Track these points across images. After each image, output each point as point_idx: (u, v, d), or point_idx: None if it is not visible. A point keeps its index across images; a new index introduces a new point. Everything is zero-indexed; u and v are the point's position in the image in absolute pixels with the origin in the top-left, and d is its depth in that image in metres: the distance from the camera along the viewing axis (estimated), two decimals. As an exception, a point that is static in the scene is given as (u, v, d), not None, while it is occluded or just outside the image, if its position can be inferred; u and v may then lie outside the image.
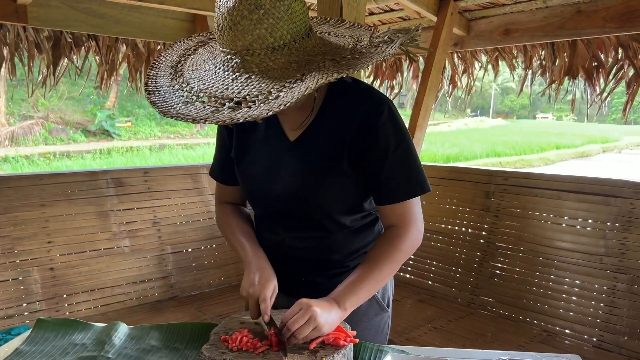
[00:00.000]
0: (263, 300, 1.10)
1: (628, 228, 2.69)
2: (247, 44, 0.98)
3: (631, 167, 15.88)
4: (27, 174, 3.12)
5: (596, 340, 2.71)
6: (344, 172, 1.17)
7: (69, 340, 1.25)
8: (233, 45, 0.99)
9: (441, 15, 3.37)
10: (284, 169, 1.21)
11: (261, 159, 1.25)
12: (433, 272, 3.50)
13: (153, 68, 1.12)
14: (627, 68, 3.20)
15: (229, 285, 3.52)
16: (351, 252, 1.28)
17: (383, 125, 1.14)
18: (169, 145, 17.96)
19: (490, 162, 15.74)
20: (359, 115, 1.14)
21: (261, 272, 1.17)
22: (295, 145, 1.21)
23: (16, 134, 16.37)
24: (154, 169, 3.48)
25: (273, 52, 0.98)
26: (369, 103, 1.16)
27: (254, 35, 0.97)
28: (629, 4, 2.78)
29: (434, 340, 2.74)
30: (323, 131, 1.18)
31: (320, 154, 1.18)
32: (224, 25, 0.99)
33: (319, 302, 1.07)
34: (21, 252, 2.84)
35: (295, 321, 1.03)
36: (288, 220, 1.26)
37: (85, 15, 3.29)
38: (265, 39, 0.97)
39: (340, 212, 1.22)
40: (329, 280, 1.26)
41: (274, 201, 1.25)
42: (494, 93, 40.90)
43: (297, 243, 1.27)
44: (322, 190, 1.19)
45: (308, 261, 1.29)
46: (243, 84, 0.97)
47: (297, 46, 1.00)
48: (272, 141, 1.24)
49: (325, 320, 1.05)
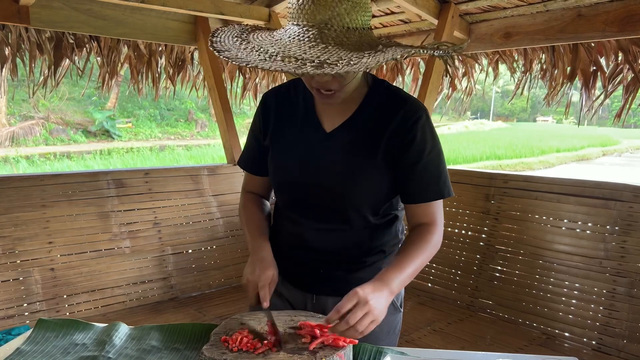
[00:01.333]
0: (262, 287, 1.17)
1: (628, 231, 2.70)
2: (326, 19, 1.04)
3: (631, 171, 15.88)
4: (28, 175, 3.13)
5: (595, 343, 2.71)
6: (376, 167, 1.22)
7: (70, 340, 1.25)
8: (312, 18, 1.05)
9: (442, 18, 3.38)
10: (318, 158, 1.26)
11: (296, 148, 1.29)
12: (433, 274, 3.50)
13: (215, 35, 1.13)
14: (626, 72, 3.21)
15: (229, 287, 3.52)
16: (369, 249, 1.32)
17: (422, 128, 1.21)
18: (169, 146, 17.97)
19: (491, 165, 15.75)
20: (399, 116, 1.21)
21: (262, 261, 1.22)
22: (331, 137, 1.25)
23: (17, 134, 16.38)
24: (154, 170, 3.48)
25: (348, 31, 1.05)
26: (409, 107, 1.23)
27: (334, 11, 1.04)
28: (630, 8, 2.79)
29: (433, 343, 2.74)
30: (360, 126, 1.24)
31: (354, 147, 1.23)
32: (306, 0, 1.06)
33: (373, 292, 1.08)
34: (22, 253, 2.84)
35: (354, 315, 1.03)
36: (313, 211, 1.29)
37: (87, 16, 3.30)
38: (343, 17, 1.05)
39: (367, 205, 1.26)
40: (346, 275, 1.31)
41: (303, 190, 1.29)
42: (494, 96, 40.93)
43: (318, 235, 1.30)
44: (353, 182, 1.23)
45: (326, 254, 1.32)
46: (321, 51, 1.01)
47: (365, 33, 1.09)
48: (307, 131, 1.28)
49: (380, 311, 1.07)
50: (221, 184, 3.69)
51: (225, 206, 3.66)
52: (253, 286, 1.19)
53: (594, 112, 3.46)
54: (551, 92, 3.60)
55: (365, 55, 1.00)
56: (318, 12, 1.04)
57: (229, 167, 3.81)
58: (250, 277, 1.20)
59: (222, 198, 3.66)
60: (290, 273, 1.37)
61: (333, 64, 0.95)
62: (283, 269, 1.32)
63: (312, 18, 1.05)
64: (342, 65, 0.95)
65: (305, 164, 1.27)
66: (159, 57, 4.11)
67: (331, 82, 1.13)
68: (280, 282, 1.36)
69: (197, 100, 20.38)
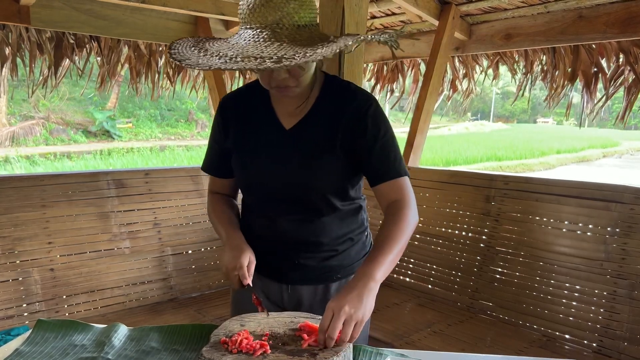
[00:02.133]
0: (239, 268, 1.24)
1: (628, 233, 2.69)
2: (277, 19, 1.12)
3: (631, 172, 15.87)
4: (27, 175, 3.12)
5: (596, 345, 2.70)
6: (336, 155, 1.32)
7: (69, 341, 1.25)
8: (264, 20, 1.12)
9: (442, 19, 3.38)
10: (281, 155, 1.35)
11: (259, 148, 1.37)
12: (433, 275, 3.50)
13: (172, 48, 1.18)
14: (627, 74, 3.21)
15: (229, 288, 3.51)
16: (338, 237, 1.42)
17: (372, 115, 1.32)
18: (169, 147, 17.97)
19: (491, 166, 15.75)
20: (351, 107, 1.32)
21: (236, 248, 1.30)
22: (291, 133, 1.35)
23: (17, 134, 16.38)
24: (154, 170, 3.47)
25: (299, 29, 1.14)
26: (359, 98, 1.34)
27: (283, 11, 1.12)
28: (630, 10, 2.79)
29: (433, 344, 2.73)
30: (317, 121, 1.34)
31: (314, 140, 1.33)
32: (255, 3, 1.13)
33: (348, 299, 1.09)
34: (21, 253, 2.84)
35: (334, 329, 1.05)
36: (282, 204, 1.37)
37: (87, 16, 3.30)
38: (292, 16, 1.13)
39: (332, 192, 1.36)
40: (320, 263, 1.42)
41: (271, 188, 1.37)
42: (495, 97, 40.94)
43: (289, 225, 1.39)
44: (317, 172, 1.33)
45: (300, 244, 1.40)
46: (277, 49, 1.08)
47: (315, 29, 1.18)
48: (268, 130, 1.37)
49: (362, 312, 1.09)
50: (221, 184, 3.68)
51: (225, 207, 3.64)
52: (232, 270, 1.26)
53: (595, 113, 3.46)
54: (552, 93, 3.60)
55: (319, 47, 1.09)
56: (269, 13, 1.11)
57: (229, 168, 3.80)
58: (228, 263, 1.27)
59: (222, 199, 3.65)
60: (265, 265, 1.41)
61: (291, 58, 1.02)
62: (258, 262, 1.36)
63: (264, 20, 1.12)
64: (300, 58, 1.03)
65: (269, 163, 1.35)
66: (159, 57, 4.11)
67: (288, 79, 1.20)
68: (256, 276, 1.40)
69: (197, 101, 20.40)
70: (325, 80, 1.37)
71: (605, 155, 22.63)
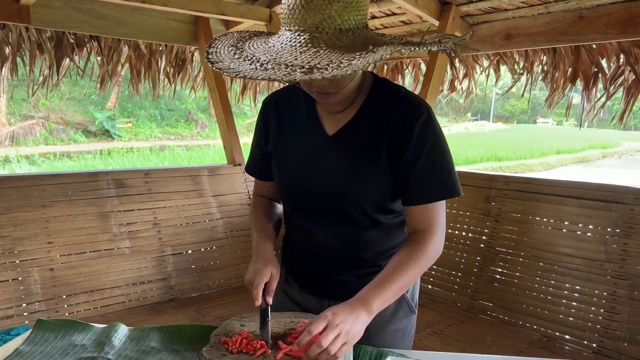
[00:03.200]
0: (255, 286, 1.15)
1: (629, 234, 2.69)
2: (317, 22, 1.02)
3: (631, 173, 15.87)
4: (27, 174, 3.12)
5: (596, 346, 2.70)
6: (380, 168, 1.20)
7: (69, 341, 1.24)
8: (303, 22, 1.03)
9: (443, 19, 3.37)
10: (321, 162, 1.24)
11: (298, 153, 1.28)
12: (433, 276, 3.50)
13: (211, 46, 1.12)
14: (627, 74, 3.21)
15: (229, 287, 3.52)
16: (383, 252, 1.29)
17: (420, 126, 1.17)
18: (169, 147, 17.96)
19: (491, 167, 15.74)
20: (399, 114, 1.18)
21: (262, 262, 1.21)
22: (333, 140, 1.23)
23: (17, 133, 16.37)
24: (154, 170, 3.47)
25: (340, 33, 1.03)
26: (409, 105, 1.20)
27: (325, 14, 1.02)
28: (631, 10, 2.78)
29: (433, 345, 2.73)
30: (361, 128, 1.22)
31: (357, 150, 1.21)
32: (295, 4, 1.04)
33: (345, 315, 1.05)
34: (21, 253, 2.84)
35: (326, 337, 1.00)
36: (321, 216, 1.28)
37: (88, 16, 3.30)
38: (334, 19, 1.03)
39: (375, 207, 1.24)
40: (360, 279, 1.26)
41: (309, 195, 1.27)
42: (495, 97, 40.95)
43: (329, 240, 1.29)
44: (358, 184, 1.21)
45: (340, 260, 1.30)
46: (312, 56, 1.00)
47: (360, 32, 1.06)
48: (310, 135, 1.26)
49: (354, 333, 1.04)
50: (221, 184, 3.68)
51: (225, 207, 3.65)
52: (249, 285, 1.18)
53: (595, 114, 3.46)
54: (552, 94, 3.60)
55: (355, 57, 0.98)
56: (309, 16, 1.03)
57: (229, 168, 3.80)
58: (249, 277, 1.19)
59: (222, 199, 3.65)
60: (304, 279, 1.36)
61: (323, 69, 0.94)
62: (297, 275, 1.31)
63: (304, 22, 1.03)
64: (332, 69, 0.94)
65: (308, 169, 1.26)
66: (159, 57, 4.11)
67: (328, 86, 1.11)
68: (296, 289, 1.36)
69: (197, 101, 20.41)
70: (373, 83, 1.25)
71: (605, 156, 22.62)
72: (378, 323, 1.18)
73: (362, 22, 1.07)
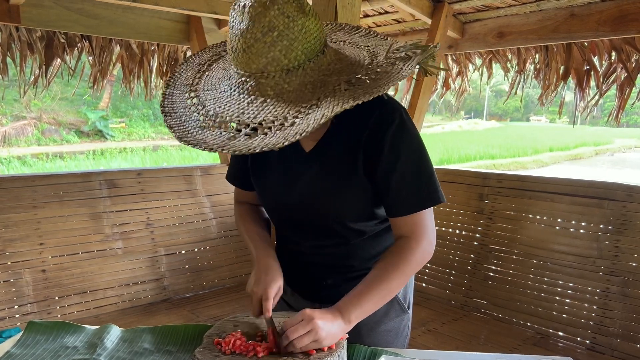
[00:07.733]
0: (266, 298, 1.11)
1: (621, 231, 2.71)
2: (261, 67, 0.96)
3: (624, 170, 15.98)
4: (19, 175, 3.10)
5: (589, 342, 2.71)
6: (359, 180, 1.15)
7: (61, 343, 1.23)
8: (247, 67, 0.98)
9: (435, 17, 3.37)
10: (300, 179, 1.20)
11: (277, 171, 1.25)
12: (427, 274, 3.50)
13: (169, 86, 1.11)
14: (619, 72, 3.22)
15: (223, 288, 3.51)
16: (371, 257, 1.27)
17: (393, 134, 1.10)
18: (163, 146, 17.90)
19: (484, 165, 15.79)
20: (371, 123, 1.12)
21: (266, 271, 1.17)
22: (311, 156, 1.19)
23: (8, 134, 16.27)
24: (147, 170, 3.46)
25: (288, 74, 0.97)
26: (381, 111, 1.12)
27: (268, 58, 0.95)
28: (622, 8, 2.79)
29: (427, 343, 2.74)
30: (337, 141, 1.16)
31: (335, 164, 1.16)
32: (237, 47, 0.97)
33: (323, 314, 1.05)
34: (13, 254, 2.82)
35: (295, 330, 1.01)
36: (305, 230, 1.26)
37: (78, 15, 3.27)
38: (280, 61, 0.96)
39: (357, 220, 1.21)
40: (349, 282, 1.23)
41: (291, 211, 1.25)
42: (488, 95, 41.08)
43: (316, 251, 1.28)
44: (338, 199, 1.17)
45: (327, 267, 1.29)
46: (259, 108, 0.96)
47: (312, 66, 0.99)
48: (287, 152, 1.19)
49: (327, 333, 1.03)
50: (214, 184, 3.67)
51: (219, 206, 3.64)
52: (257, 298, 1.13)
53: (588, 111, 3.47)
54: (545, 91, 3.61)
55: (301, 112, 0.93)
56: (252, 61, 0.96)
57: (222, 167, 3.79)
58: (255, 288, 1.14)
59: (216, 198, 3.64)
60: (296, 285, 1.36)
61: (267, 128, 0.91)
62: (289, 281, 1.30)
63: (248, 67, 0.97)
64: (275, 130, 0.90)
65: (287, 186, 1.23)
66: (151, 57, 4.09)
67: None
68: (289, 293, 1.36)
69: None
70: None
71: (597, 153, 22.76)
72: (369, 323, 1.18)
73: (315, 49, 0.99)
